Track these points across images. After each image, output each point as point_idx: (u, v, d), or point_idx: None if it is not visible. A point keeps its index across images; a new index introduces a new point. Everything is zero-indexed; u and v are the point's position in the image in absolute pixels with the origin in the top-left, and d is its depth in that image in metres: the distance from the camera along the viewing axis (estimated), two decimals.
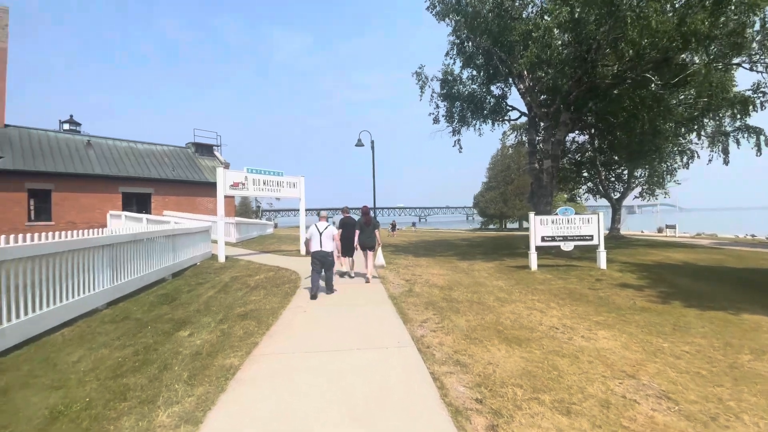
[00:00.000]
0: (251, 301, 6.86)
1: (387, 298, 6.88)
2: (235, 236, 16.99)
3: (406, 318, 5.63)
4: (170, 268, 9.50)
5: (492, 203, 47.44)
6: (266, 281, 8.80)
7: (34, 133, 20.87)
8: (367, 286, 8.16)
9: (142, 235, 7.83)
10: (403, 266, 11.05)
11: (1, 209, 17.85)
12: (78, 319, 5.66)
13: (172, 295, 7.60)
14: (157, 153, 25.40)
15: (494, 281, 8.87)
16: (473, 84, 17.30)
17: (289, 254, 14.04)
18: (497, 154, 50.00)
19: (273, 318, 5.71)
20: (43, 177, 19.03)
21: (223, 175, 11.98)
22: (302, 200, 14.10)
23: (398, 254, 14.64)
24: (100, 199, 21.03)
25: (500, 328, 5.31)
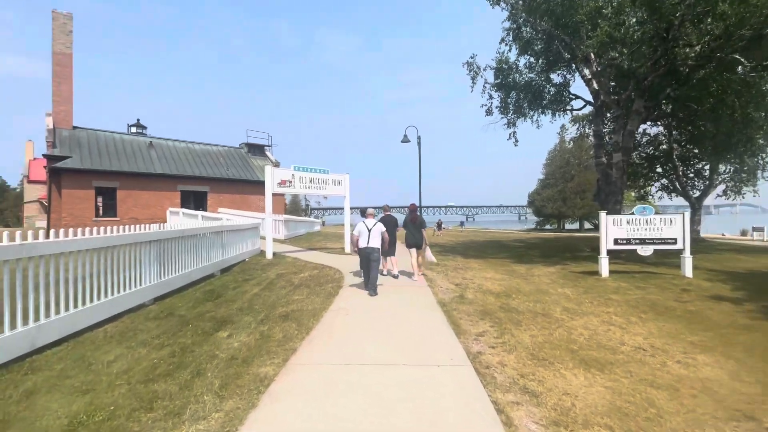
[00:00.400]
0: (293, 301, 6.55)
1: (436, 305, 6.24)
2: (283, 233, 17.18)
3: (458, 329, 4.96)
4: (219, 264, 9.55)
5: (549, 202, 44.20)
6: (310, 279, 8.51)
7: (101, 135, 22.66)
8: (413, 289, 7.57)
9: (190, 231, 7.85)
10: (451, 268, 10.31)
11: (72, 206, 19.52)
12: (124, 315, 5.65)
13: (218, 291, 7.53)
14: (212, 153, 26.62)
15: (559, 289, 7.87)
16: (530, 72, 16.01)
17: (334, 252, 13.81)
18: (555, 149, 46.71)
19: (314, 320, 5.31)
20: (109, 176, 20.56)
21: (271, 173, 11.96)
22: (347, 198, 13.80)
23: (446, 255, 13.87)
24: (161, 197, 22.36)
25: (574, 347, 4.47)
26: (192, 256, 8.01)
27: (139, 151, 23.11)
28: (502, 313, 5.82)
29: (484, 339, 4.64)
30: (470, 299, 6.68)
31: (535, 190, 48.35)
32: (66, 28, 21.96)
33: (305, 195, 74.02)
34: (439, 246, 17.76)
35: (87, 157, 20.51)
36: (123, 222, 21.09)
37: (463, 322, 5.33)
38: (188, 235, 7.77)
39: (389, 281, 8.28)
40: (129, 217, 21.07)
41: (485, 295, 7.02)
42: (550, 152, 47.14)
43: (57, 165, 19.20)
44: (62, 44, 21.81)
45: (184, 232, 7.58)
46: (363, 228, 7.26)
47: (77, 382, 3.53)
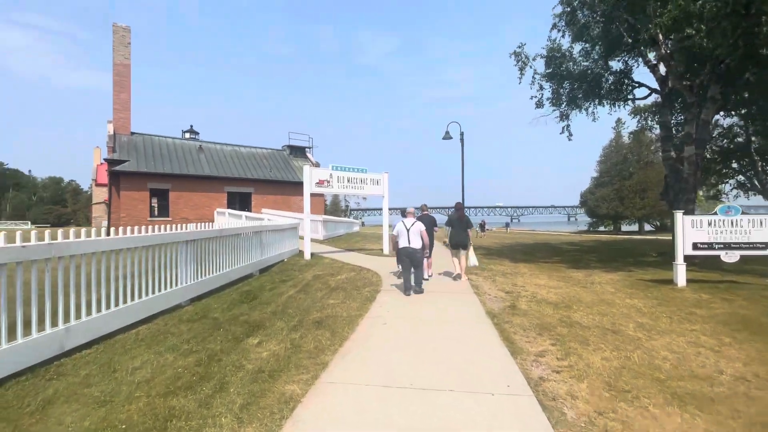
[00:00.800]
0: (329, 305, 6.17)
1: (484, 315, 5.56)
2: (322, 233, 17.09)
3: (513, 347, 4.28)
4: (257, 264, 9.45)
5: (604, 201, 40.80)
6: (347, 282, 8.13)
7: (156, 140, 23.94)
8: (457, 296, 6.92)
9: (228, 230, 7.74)
10: (499, 273, 9.50)
11: (129, 206, 20.72)
12: (159, 316, 5.53)
13: (254, 292, 7.34)
14: (257, 155, 27.35)
15: (627, 300, 6.87)
16: (585, 60, 14.68)
17: (372, 253, 13.41)
18: (610, 145, 43.26)
19: (349, 329, 4.87)
20: (162, 178, 21.63)
21: (309, 172, 11.79)
22: (385, 198, 13.35)
23: (491, 258, 12.98)
24: (209, 198, 23.24)
25: (660, 376, 3.65)
26: (230, 256, 7.90)
27: (189, 155, 24.20)
28: (564, 329, 5.04)
29: (545, 360, 3.93)
30: (524, 310, 5.93)
31: (587, 189, 45.04)
32: (125, 40, 23.48)
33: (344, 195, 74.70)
34: (483, 248, 16.83)
35: (142, 160, 21.74)
36: (174, 222, 22.11)
37: (518, 338, 4.63)
38: (226, 235, 7.67)
39: (430, 286, 7.68)
40: (180, 217, 22.06)
41: (541, 306, 6.22)
42: (604, 148, 43.75)
43: (116, 168, 20.50)
44: (122, 55, 23.34)
45: (222, 232, 7.47)
46: (401, 228, 7.09)
47: (97, 391, 3.31)
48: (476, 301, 6.43)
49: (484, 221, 31.33)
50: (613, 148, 42.49)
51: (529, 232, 39.26)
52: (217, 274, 7.28)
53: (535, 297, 6.87)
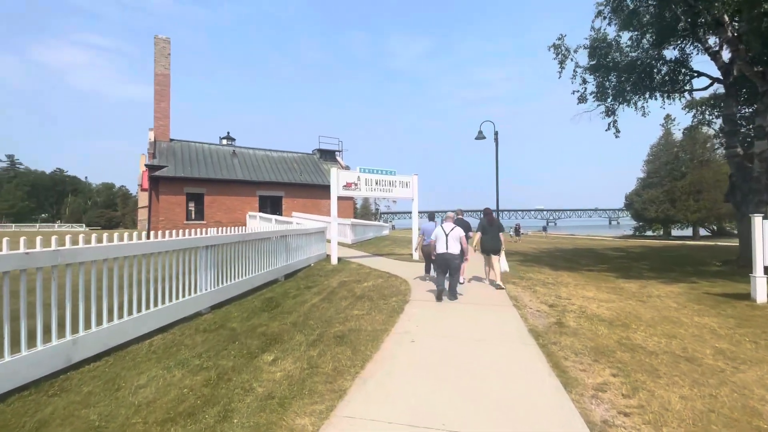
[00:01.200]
0: (352, 317, 5.71)
1: (527, 334, 4.89)
2: (350, 237, 16.78)
3: (566, 376, 3.61)
4: (282, 270, 9.18)
5: (652, 204, 37.65)
6: (374, 290, 7.65)
7: (192, 146, 24.67)
8: (495, 309, 6.26)
9: (251, 235, 7.49)
10: (540, 283, 8.68)
11: (167, 210, 21.39)
12: (177, 324, 5.29)
13: (277, 300, 7.03)
14: (288, 160, 27.62)
15: (696, 318, 5.93)
16: (634, 51, 13.47)
17: (401, 258, 12.87)
18: (658, 143, 40.12)
19: (372, 347, 4.37)
20: (197, 182, 22.21)
21: (336, 175, 11.47)
22: (415, 200, 12.79)
23: (529, 265, 12.07)
24: (242, 201, 23.63)
25: (762, 425, 2.88)
26: (253, 262, 7.65)
27: (224, 160, 24.78)
28: (625, 354, 4.28)
29: (607, 397, 3.24)
30: (573, 328, 5.19)
31: (633, 190, 41.92)
32: (165, 51, 24.45)
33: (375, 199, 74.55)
34: (519, 254, 15.84)
35: (180, 165, 22.44)
36: (208, 225, 22.64)
37: (569, 364, 3.95)
38: (249, 239, 7.42)
39: (464, 296, 7.05)
40: (214, 221, 22.57)
41: (593, 323, 5.44)
42: (652, 147, 40.59)
43: (155, 173, 21.27)
44: (162, 66, 24.31)
45: (245, 237, 7.23)
46: (440, 232, 6.92)
47: (95, 413, 3.01)
48: (516, 316, 5.74)
49: (518, 225, 29.87)
50: (662, 146, 39.35)
51: (568, 237, 37.15)
52: (240, 280, 7.03)
53: (585, 312, 6.07)
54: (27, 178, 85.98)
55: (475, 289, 7.95)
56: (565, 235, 42.99)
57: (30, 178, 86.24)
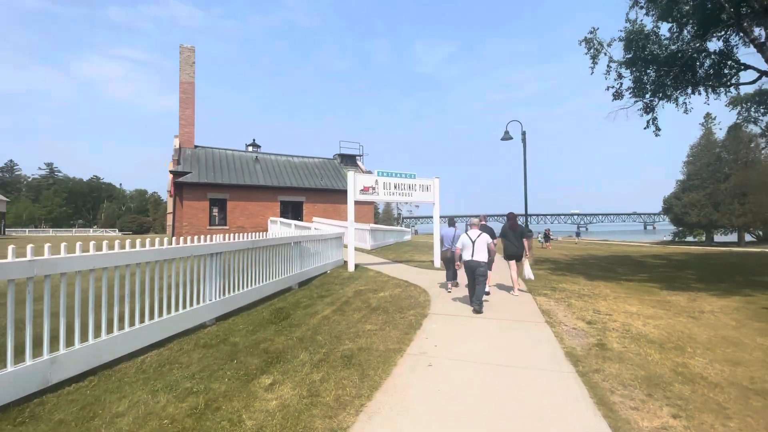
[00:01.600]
0: (364, 332, 5.20)
1: (563, 358, 4.22)
2: (369, 243, 16.32)
3: (615, 417, 2.96)
4: (297, 277, 8.80)
5: (693, 208, 34.99)
6: (390, 301, 7.13)
7: (216, 152, 25.00)
8: (525, 326, 5.59)
9: (262, 241, 7.14)
10: (574, 295, 7.89)
11: (190, 215, 21.65)
12: (178, 337, 4.95)
13: (287, 310, 6.61)
14: (309, 165, 27.59)
15: (758, 338, 5.07)
16: (673, 44, 12.42)
17: (422, 265, 12.27)
18: (698, 144, 37.56)
19: (383, 371, 3.84)
20: (220, 188, 22.40)
21: (353, 179, 11.04)
22: (436, 205, 12.19)
23: (561, 274, 11.20)
24: (263, 207, 23.68)
25: None
26: (264, 270, 7.29)
27: (246, 166, 24.98)
28: (684, 387, 3.56)
29: None
30: (617, 352, 4.47)
31: (672, 193, 39.30)
32: (190, 60, 24.98)
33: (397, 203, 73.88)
34: (550, 262, 14.89)
35: (203, 171, 22.74)
36: (231, 230, 22.80)
37: (617, 399, 3.28)
38: (260, 246, 7.06)
39: (491, 310, 6.41)
40: (236, 226, 22.71)
41: (641, 346, 4.70)
42: (692, 147, 38.06)
43: (179, 179, 21.61)
44: (187, 74, 24.84)
45: (255, 243, 6.87)
46: (467, 240, 6.69)
47: None
48: (550, 335, 5.07)
49: (548, 230, 28.51)
50: (703, 146, 36.82)
51: (602, 243, 35.26)
52: (248, 289, 6.67)
53: (629, 331, 5.31)
54: (65, 185, 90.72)
55: (501, 299, 7.28)
56: (597, 240, 40.93)
57: (68, 185, 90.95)
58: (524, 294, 8.07)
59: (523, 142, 14.97)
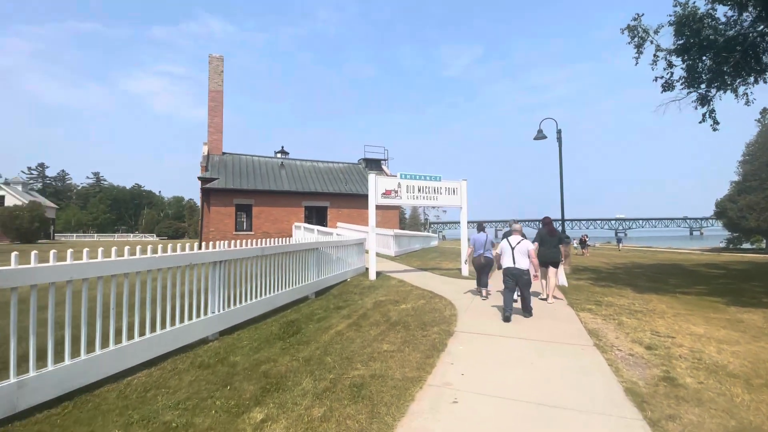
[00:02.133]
0: (380, 354, 4.55)
1: (623, 398, 3.38)
2: (393, 249, 15.66)
3: None
4: (314, 286, 8.29)
5: (752, 212, 31.50)
6: (412, 315, 6.44)
7: (243, 158, 25.23)
8: (570, 350, 4.75)
9: (272, 249, 6.66)
10: (625, 310, 6.89)
11: (217, 221, 21.82)
12: (175, 354, 4.50)
13: (298, 324, 6.08)
14: (333, 170, 27.37)
15: None
16: (731, 29, 11.07)
17: (448, 274, 11.47)
18: (756, 141, 34.16)
19: (397, 410, 3.18)
20: (246, 194, 22.49)
21: (374, 182, 10.47)
22: (464, 209, 11.39)
23: (605, 285, 10.08)
24: (288, 212, 23.59)
25: None
26: (276, 278, 6.81)
27: (271, 171, 25.06)
28: None
29: None
30: (693, 389, 3.57)
31: (726, 196, 35.90)
32: (218, 69, 25.46)
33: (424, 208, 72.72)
34: (590, 271, 13.67)
35: (230, 177, 22.95)
36: (256, 236, 22.82)
37: None
38: (270, 253, 6.59)
39: (527, 327, 5.58)
40: (261, 231, 22.70)
41: (721, 381, 3.76)
42: (748, 145, 34.72)
43: (206, 186, 21.88)
44: (216, 83, 25.31)
45: (265, 251, 6.40)
46: (506, 246, 6.51)
47: None
48: (602, 363, 4.21)
49: (585, 236, 26.70)
50: (761, 144, 33.45)
51: (645, 250, 32.82)
52: (257, 300, 6.18)
53: (701, 360, 4.36)
54: (110, 193, 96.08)
55: (538, 313, 6.42)
56: (640, 247, 38.21)
57: (113, 193, 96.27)
58: (562, 306, 7.16)
59: (559, 141, 13.91)
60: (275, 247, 6.75)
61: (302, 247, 7.81)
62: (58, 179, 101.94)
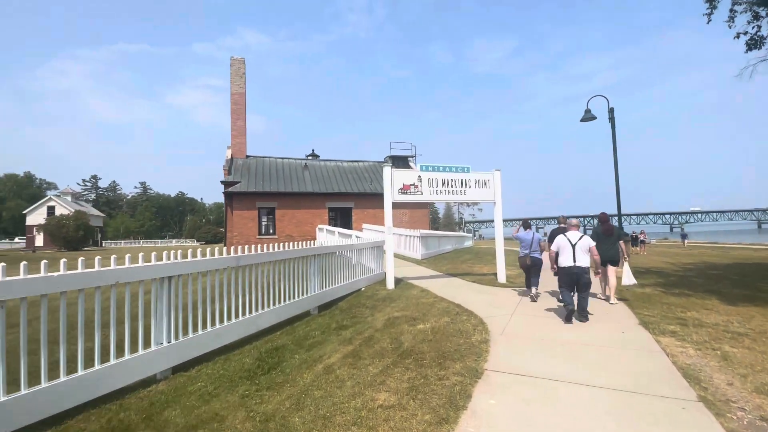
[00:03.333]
0: (370, 413, 3.14)
1: None
2: (420, 252, 14.14)
3: None
4: (316, 299, 7.02)
5: None
6: (430, 340, 4.97)
7: (267, 161, 24.65)
8: (663, 408, 3.08)
9: (251, 258, 5.41)
10: (722, 332, 5.01)
11: (240, 225, 21.27)
12: (94, 406, 3.33)
13: (281, 353, 4.80)
14: (358, 169, 26.22)
15: None
16: None
17: (482, 280, 9.81)
18: None
19: None
20: (268, 196, 21.81)
21: (390, 176, 9.06)
22: (498, 204, 9.70)
23: (680, 293, 8.04)
24: (312, 214, 22.68)
25: None
26: (262, 294, 5.58)
27: (295, 173, 24.32)
28: None
29: None
30: None
31: None
32: (240, 71, 25.09)
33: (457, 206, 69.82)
34: (655, 273, 11.48)
35: (252, 180, 22.40)
36: (279, 239, 22.13)
37: None
38: (251, 263, 5.35)
39: (591, 360, 3.95)
40: (285, 235, 21.96)
41: None
42: None
43: (229, 189, 21.43)
44: (238, 85, 24.95)
45: (240, 260, 5.17)
46: (565, 242, 6.07)
47: None
48: (709, 421, 2.56)
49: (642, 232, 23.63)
50: None
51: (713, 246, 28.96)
52: (231, 323, 4.95)
53: None
54: (156, 201, 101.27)
55: (605, 334, 4.73)
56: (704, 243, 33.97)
57: (159, 201, 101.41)
58: (632, 324, 5.38)
59: (611, 122, 11.81)
60: (257, 256, 5.51)
61: (298, 255, 6.53)
62: (110, 189, 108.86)
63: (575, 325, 5.60)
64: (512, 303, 7.16)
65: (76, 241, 36.14)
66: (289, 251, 6.26)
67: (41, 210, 45.19)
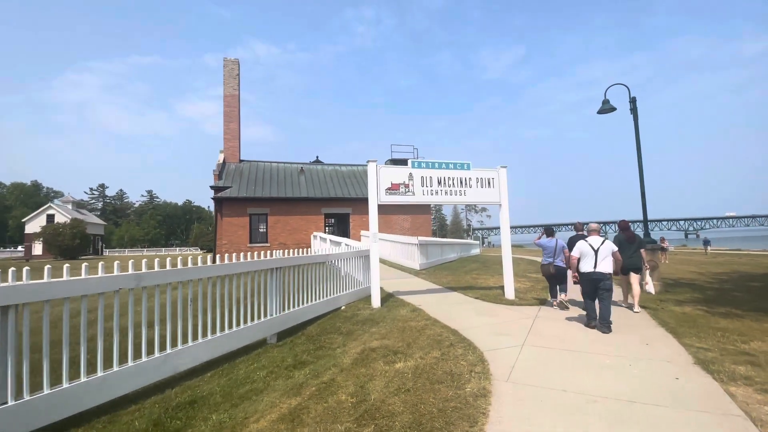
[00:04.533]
0: None
1: None
2: (419, 261, 12.68)
3: None
4: (276, 324, 5.66)
5: None
6: (408, 390, 3.56)
7: (260, 165, 23.48)
8: None
9: (157, 276, 4.05)
10: None
11: (230, 232, 20.04)
12: None
13: (192, 411, 3.46)
14: (357, 173, 24.94)
15: None
16: None
17: (487, 297, 8.33)
18: None
19: None
20: (260, 202, 20.57)
21: (376, 173, 7.73)
22: (504, 206, 8.28)
23: (726, 313, 6.49)
24: (307, 221, 21.38)
25: None
26: (181, 322, 4.23)
27: (289, 178, 23.11)
28: None
29: None
30: None
31: None
32: (233, 72, 24.10)
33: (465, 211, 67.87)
34: (686, 285, 9.91)
35: (244, 186, 21.21)
36: (272, 248, 20.84)
37: None
38: (159, 283, 4.00)
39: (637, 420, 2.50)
40: (278, 243, 20.67)
41: None
42: None
43: (218, 195, 20.26)
44: (231, 87, 23.94)
45: (142, 279, 3.83)
46: (587, 248, 5.74)
47: None
48: None
49: (662, 239, 21.89)
50: None
51: (736, 253, 26.96)
52: (125, 367, 3.58)
53: None
54: (164, 210, 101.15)
55: (653, 377, 3.27)
56: (727, 250, 31.85)
57: (165, 209, 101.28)
58: (670, 342, 3.88)
59: (633, 113, 10.35)
60: (167, 274, 4.11)
61: (247, 269, 5.16)
62: (117, 198, 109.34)
63: (611, 363, 4.13)
64: (522, 328, 5.70)
65: (73, 250, 35.35)
66: (231, 264, 4.91)
67: (41, 218, 44.65)
